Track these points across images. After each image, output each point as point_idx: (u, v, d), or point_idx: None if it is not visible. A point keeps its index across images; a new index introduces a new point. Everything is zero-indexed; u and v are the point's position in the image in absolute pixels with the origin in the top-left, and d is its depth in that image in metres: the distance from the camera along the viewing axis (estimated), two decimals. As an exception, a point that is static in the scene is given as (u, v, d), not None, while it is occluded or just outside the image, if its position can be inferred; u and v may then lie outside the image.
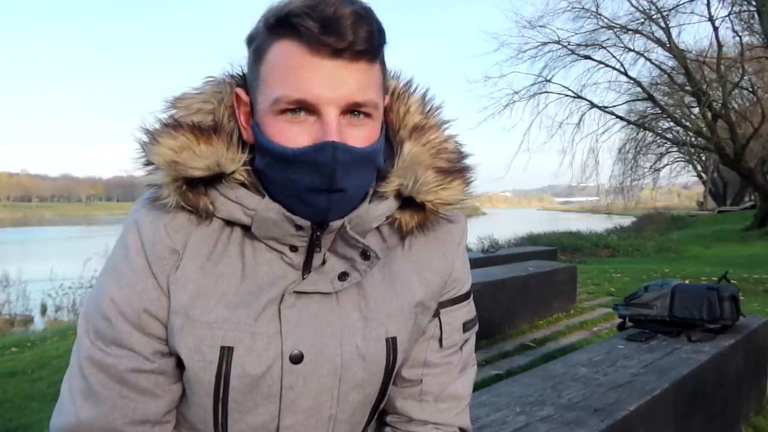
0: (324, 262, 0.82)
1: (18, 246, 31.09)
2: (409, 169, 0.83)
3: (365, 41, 0.71)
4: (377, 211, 0.83)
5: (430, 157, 0.85)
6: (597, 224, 25.47)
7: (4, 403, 4.12)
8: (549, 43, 18.99)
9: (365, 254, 0.80)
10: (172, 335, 0.80)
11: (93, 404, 0.80)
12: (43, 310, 10.10)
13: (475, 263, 6.91)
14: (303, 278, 0.81)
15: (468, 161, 0.88)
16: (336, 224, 0.78)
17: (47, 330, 7.60)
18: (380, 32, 0.74)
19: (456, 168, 0.86)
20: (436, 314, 0.92)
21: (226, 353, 0.78)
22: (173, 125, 0.79)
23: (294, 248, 0.80)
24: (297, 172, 0.74)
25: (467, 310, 0.96)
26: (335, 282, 0.81)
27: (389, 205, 0.84)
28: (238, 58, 0.83)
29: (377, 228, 0.86)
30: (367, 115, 0.75)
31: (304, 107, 0.73)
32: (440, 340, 0.93)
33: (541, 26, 18.88)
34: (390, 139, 0.86)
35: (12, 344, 6.02)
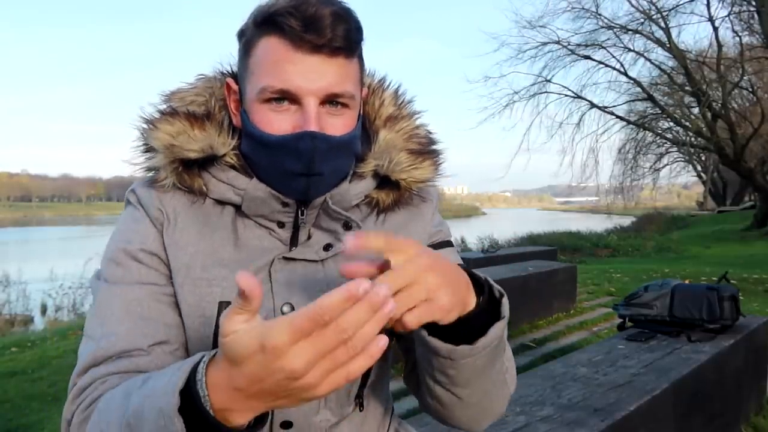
0: (309, 237, 0.88)
1: (18, 246, 31.11)
2: (385, 152, 0.91)
3: (343, 39, 0.78)
4: (356, 189, 0.90)
5: (403, 141, 0.93)
6: (597, 224, 25.45)
7: (4, 403, 4.13)
8: (549, 43, 19.03)
9: (347, 225, 0.88)
10: (175, 293, 0.86)
11: (112, 329, 0.82)
12: (43, 310, 10.08)
13: (475, 263, 6.92)
14: (290, 251, 0.87)
15: (437, 146, 0.96)
16: (318, 200, 0.85)
17: (47, 330, 7.60)
18: (357, 30, 0.81)
19: (426, 150, 0.94)
20: None
21: (225, 309, 0.80)
22: (170, 113, 0.87)
23: (281, 224, 0.87)
24: (279, 157, 0.81)
25: (455, 257, 0.98)
26: (320, 252, 0.88)
27: (367, 184, 0.91)
28: (227, 58, 0.92)
29: (358, 207, 0.93)
30: (345, 105, 0.82)
31: (287, 97, 0.80)
32: None
33: (541, 26, 18.94)
34: (367, 129, 0.94)
35: (12, 344, 6.02)
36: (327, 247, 0.88)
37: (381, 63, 0.94)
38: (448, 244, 1.00)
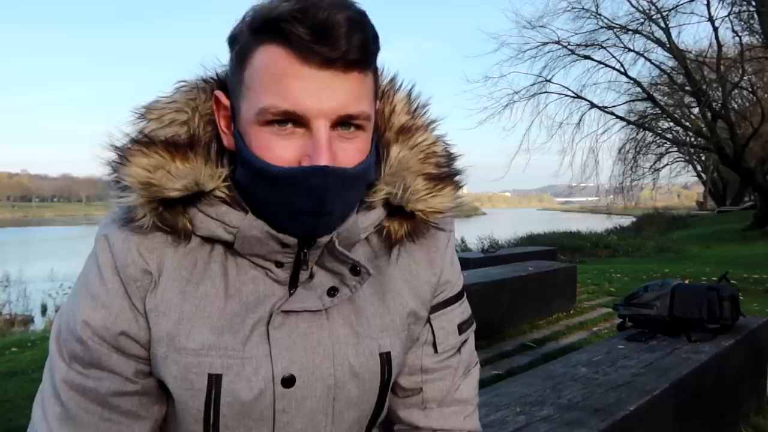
0: (312, 276, 0.78)
1: (18, 246, 31.10)
2: (398, 176, 0.80)
3: (359, 50, 0.67)
4: (365, 221, 0.79)
5: (419, 163, 0.81)
6: (597, 224, 25.43)
7: (4, 403, 4.12)
8: (549, 43, 19.02)
9: (355, 269, 0.76)
10: (156, 364, 0.76)
11: (71, 429, 0.76)
12: (43, 310, 10.08)
13: (475, 263, 6.93)
14: (290, 293, 0.77)
15: (458, 164, 0.85)
16: (323, 240, 0.74)
17: (47, 330, 7.59)
18: (375, 39, 0.69)
19: (446, 173, 0.83)
20: (427, 319, 0.89)
21: (214, 381, 0.74)
22: (145, 142, 0.73)
23: (280, 264, 0.76)
24: (283, 192, 0.69)
25: (461, 311, 0.92)
26: (324, 298, 0.77)
27: (378, 215, 0.81)
28: (211, 59, 0.78)
29: (367, 237, 0.82)
30: (359, 127, 0.71)
31: (292, 119, 0.68)
32: (434, 345, 0.89)
33: (541, 26, 18.91)
34: (377, 142, 0.81)
35: (12, 344, 6.01)
36: (331, 291, 0.77)
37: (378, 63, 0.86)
38: (456, 299, 0.92)
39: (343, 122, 0.69)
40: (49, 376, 0.78)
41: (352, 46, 0.66)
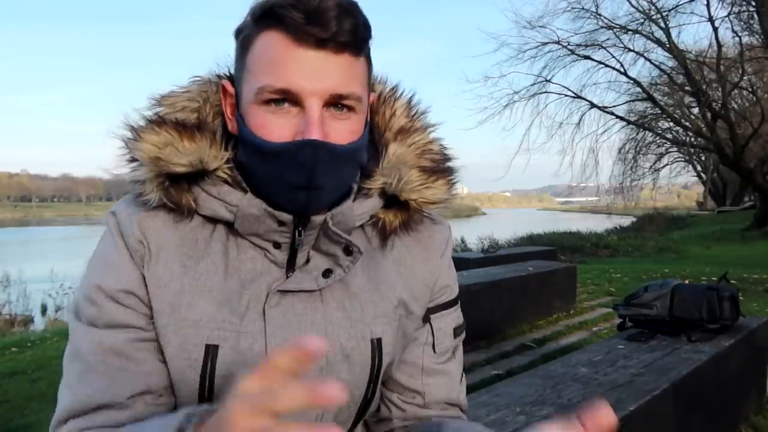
0: (308, 260, 0.82)
1: (18, 246, 31.12)
2: (394, 168, 0.84)
3: (349, 33, 0.72)
4: (361, 209, 0.83)
5: (415, 157, 0.86)
6: (597, 224, 25.40)
7: (4, 403, 4.12)
8: (549, 43, 19.01)
9: (348, 250, 0.80)
10: (157, 335, 0.80)
11: (89, 382, 0.78)
12: (44, 310, 10.07)
13: (475, 263, 6.94)
14: (287, 276, 0.81)
15: (452, 163, 0.90)
16: (318, 219, 0.78)
17: (47, 330, 7.59)
18: (365, 26, 0.75)
19: (440, 168, 0.87)
20: (427, 320, 0.92)
21: (211, 351, 0.78)
22: (157, 121, 0.80)
23: (277, 245, 0.80)
24: (276, 166, 0.74)
25: (456, 315, 0.96)
26: (319, 279, 0.81)
27: (373, 204, 0.85)
28: (224, 59, 0.85)
29: (362, 228, 0.87)
30: (351, 108, 0.75)
31: (288, 98, 0.73)
32: (433, 346, 0.93)
33: (541, 26, 18.90)
34: (375, 142, 0.87)
35: (12, 344, 6.01)
36: (326, 273, 0.81)
37: (378, 63, 0.91)
38: (453, 303, 0.96)
39: (336, 102, 0.74)
40: (69, 345, 0.82)
41: (343, 29, 0.71)
